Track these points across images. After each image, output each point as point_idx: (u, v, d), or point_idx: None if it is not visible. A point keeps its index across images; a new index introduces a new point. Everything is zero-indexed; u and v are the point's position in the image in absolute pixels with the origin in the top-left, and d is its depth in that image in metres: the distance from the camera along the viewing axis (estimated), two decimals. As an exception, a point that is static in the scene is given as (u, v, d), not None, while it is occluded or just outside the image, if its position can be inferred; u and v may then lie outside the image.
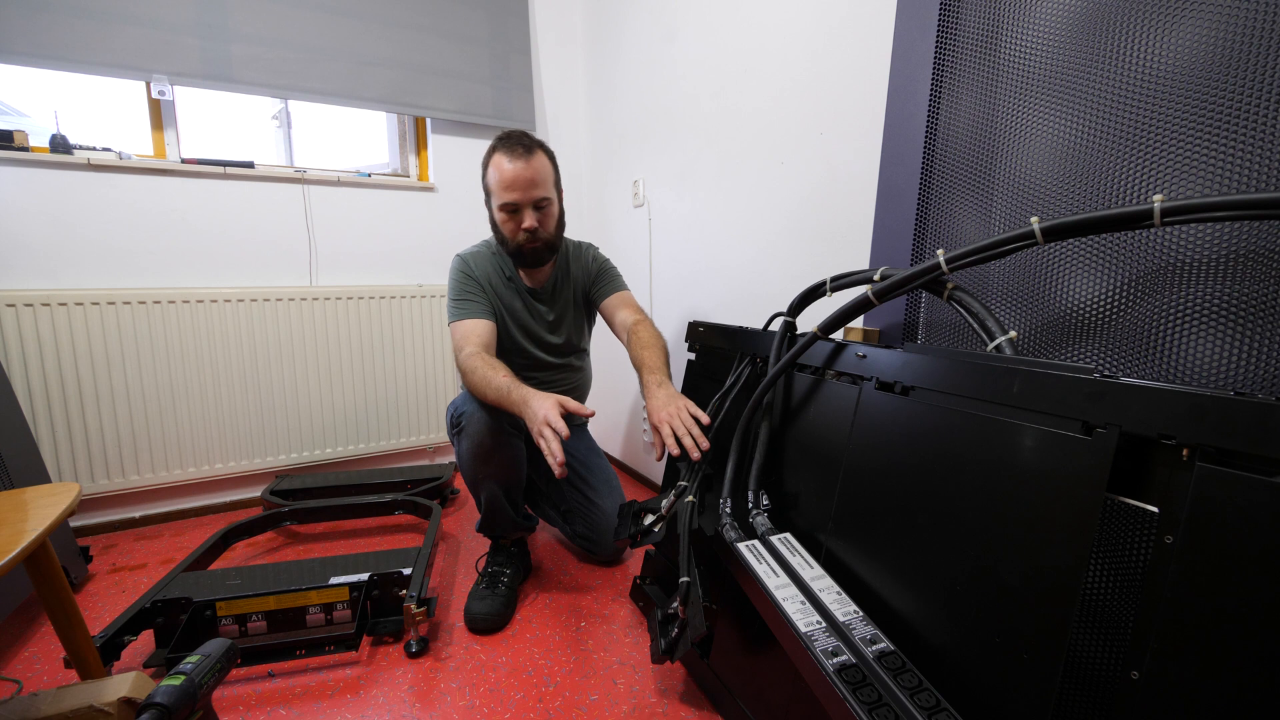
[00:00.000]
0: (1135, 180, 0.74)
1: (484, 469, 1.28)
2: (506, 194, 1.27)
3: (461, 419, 1.27)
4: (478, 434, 1.24)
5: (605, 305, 1.46)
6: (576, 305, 1.51)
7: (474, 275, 1.36)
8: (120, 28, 1.61)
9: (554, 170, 1.33)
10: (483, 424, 1.23)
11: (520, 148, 1.26)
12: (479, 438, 1.24)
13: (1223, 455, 0.49)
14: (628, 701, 1.04)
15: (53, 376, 1.60)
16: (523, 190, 1.27)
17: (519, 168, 1.25)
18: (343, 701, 1.05)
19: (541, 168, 1.28)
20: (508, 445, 1.28)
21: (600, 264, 1.51)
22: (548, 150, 1.32)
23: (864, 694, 0.62)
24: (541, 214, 1.30)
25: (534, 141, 1.29)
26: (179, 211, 1.76)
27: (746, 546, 0.87)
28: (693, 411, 1.07)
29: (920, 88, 1.00)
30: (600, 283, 1.48)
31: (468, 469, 1.29)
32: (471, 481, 1.31)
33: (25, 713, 0.79)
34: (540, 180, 1.28)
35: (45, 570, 0.90)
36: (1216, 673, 0.48)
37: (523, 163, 1.25)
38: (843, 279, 1.02)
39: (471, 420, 1.24)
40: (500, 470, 1.29)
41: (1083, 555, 0.56)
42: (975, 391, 0.70)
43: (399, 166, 2.18)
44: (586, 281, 1.50)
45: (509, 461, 1.30)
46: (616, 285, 1.48)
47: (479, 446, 1.25)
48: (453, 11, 2.05)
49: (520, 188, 1.26)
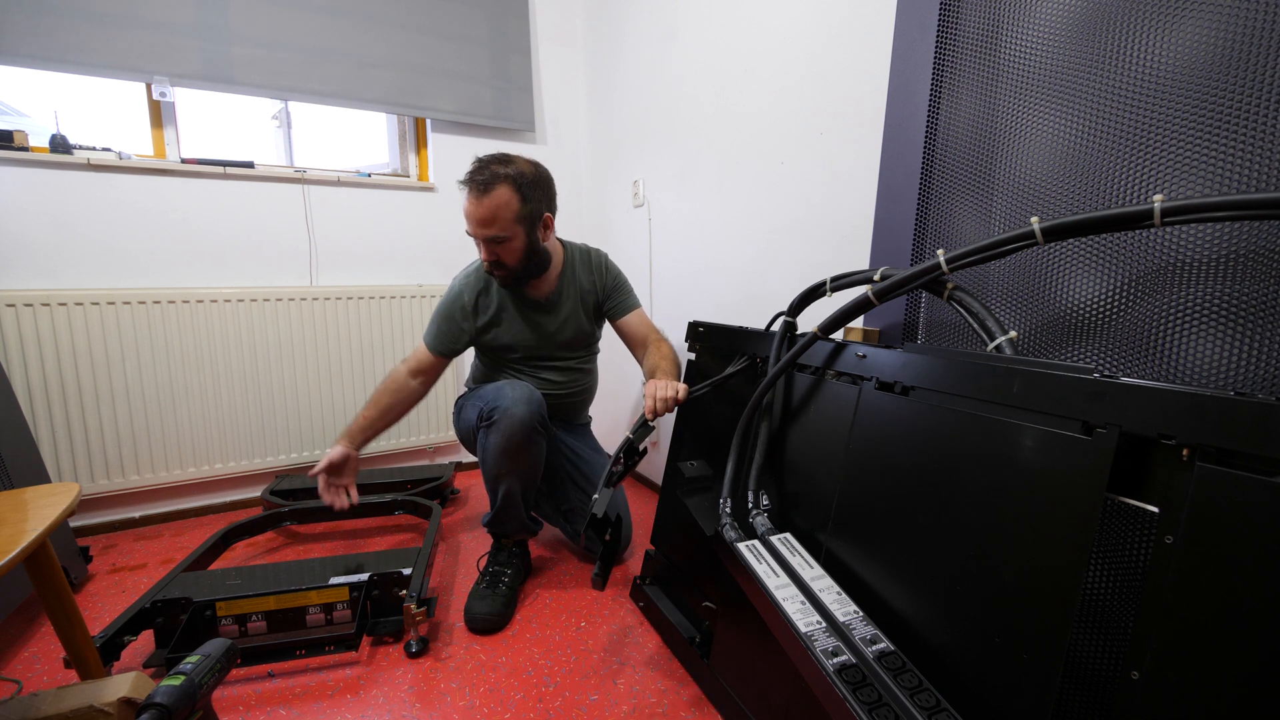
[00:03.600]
0: (1135, 180, 0.74)
1: (509, 464, 1.29)
2: (469, 226, 1.29)
3: (494, 413, 1.27)
4: (509, 430, 1.25)
5: (622, 323, 1.51)
6: (584, 314, 1.51)
7: (459, 302, 1.40)
8: (122, 30, 1.62)
9: (520, 202, 1.26)
10: (517, 420, 1.25)
11: (476, 185, 1.24)
12: (511, 433, 1.25)
13: (1223, 455, 0.50)
14: (628, 701, 1.04)
15: (53, 376, 1.60)
16: (475, 226, 1.27)
17: (471, 205, 1.25)
18: (343, 701, 1.05)
19: (496, 206, 1.24)
20: (536, 444, 1.31)
21: (615, 277, 1.52)
22: (517, 180, 1.26)
23: (864, 694, 0.62)
24: (499, 247, 1.29)
25: (495, 176, 1.25)
26: (179, 211, 1.76)
27: (746, 546, 0.87)
28: (678, 384, 1.17)
29: (920, 88, 1.00)
30: (616, 298, 1.51)
31: (493, 463, 1.29)
32: (493, 476, 1.31)
33: (25, 713, 0.79)
34: (493, 218, 1.25)
35: (45, 570, 0.90)
36: (1216, 673, 0.48)
37: (475, 201, 1.25)
38: (843, 279, 1.02)
39: (505, 416, 1.25)
40: (524, 467, 1.31)
41: (1083, 555, 0.56)
42: (975, 391, 0.70)
43: (399, 166, 2.19)
44: (599, 293, 1.51)
45: (533, 460, 1.32)
46: (632, 303, 1.52)
47: (509, 441, 1.26)
48: (452, 12, 2.05)
49: (473, 223, 1.27)
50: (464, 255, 2.17)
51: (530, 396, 1.28)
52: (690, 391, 1.16)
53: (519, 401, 1.26)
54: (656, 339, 1.44)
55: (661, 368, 1.31)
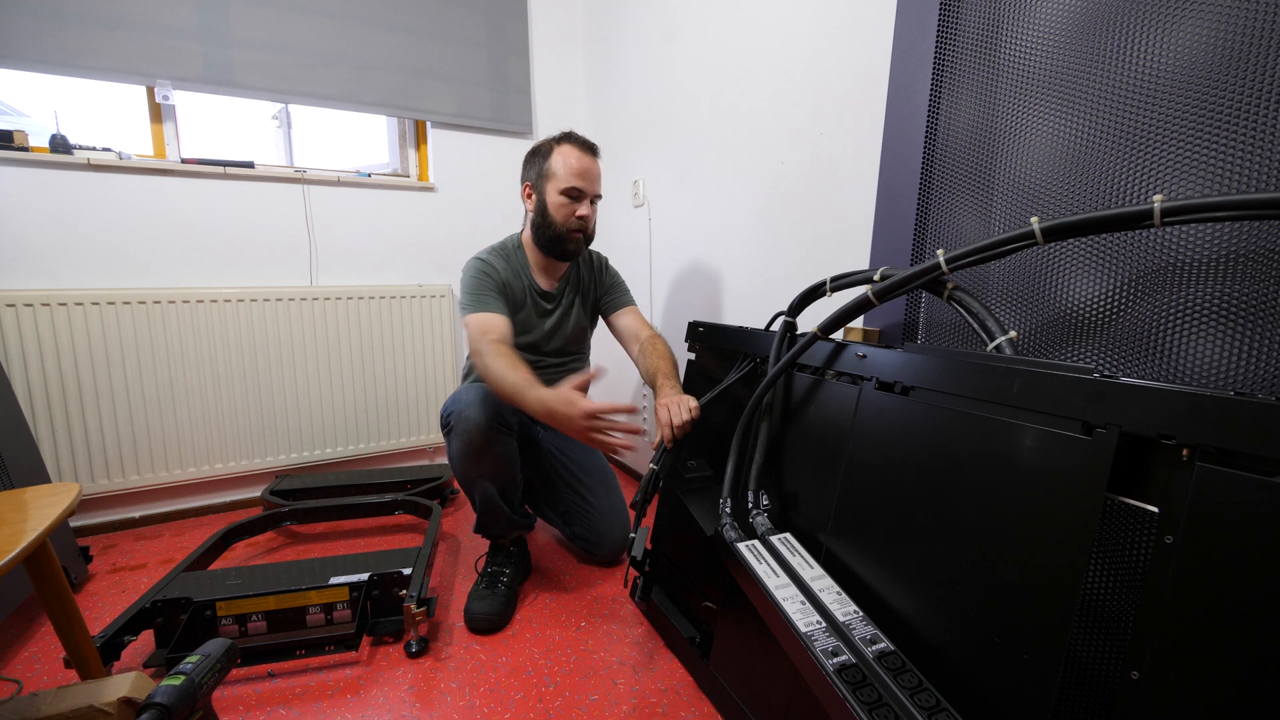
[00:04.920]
0: (1135, 180, 0.74)
1: (476, 468, 1.27)
2: (576, 179, 1.34)
3: (450, 419, 1.27)
4: (467, 433, 1.24)
5: (614, 318, 1.53)
6: (582, 310, 1.53)
7: (492, 276, 1.38)
8: (124, 33, 1.63)
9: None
10: (471, 422, 1.23)
11: (589, 146, 1.38)
12: (468, 436, 1.24)
13: (1223, 455, 0.49)
14: (628, 701, 1.04)
15: (53, 376, 1.60)
16: (590, 181, 1.37)
17: (589, 161, 1.36)
18: (343, 701, 1.05)
19: (599, 167, 1.40)
20: (499, 443, 1.27)
21: (613, 277, 1.57)
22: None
23: (864, 694, 0.62)
24: (592, 209, 1.39)
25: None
26: (179, 211, 1.76)
27: (746, 546, 0.87)
28: (690, 404, 1.17)
29: (920, 88, 1.00)
30: (611, 295, 1.54)
31: (459, 469, 1.29)
32: (465, 482, 1.31)
33: (25, 713, 0.79)
34: (600, 179, 1.40)
35: (45, 570, 0.90)
36: (1216, 673, 0.48)
37: (591, 159, 1.37)
38: (843, 279, 1.02)
39: (460, 419, 1.24)
40: (492, 468, 1.28)
41: (1083, 555, 0.56)
42: (975, 391, 0.70)
43: (399, 166, 2.19)
44: (597, 291, 1.55)
45: (501, 459, 1.29)
46: (626, 300, 1.55)
47: (469, 445, 1.24)
48: (451, 15, 2.05)
49: (590, 179, 1.36)
50: (464, 255, 2.17)
51: (484, 397, 1.25)
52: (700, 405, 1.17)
53: (472, 404, 1.24)
54: (650, 335, 1.44)
55: (662, 369, 1.31)
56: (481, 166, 2.20)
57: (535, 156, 1.40)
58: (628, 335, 1.49)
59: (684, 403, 1.16)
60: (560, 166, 1.34)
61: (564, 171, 1.34)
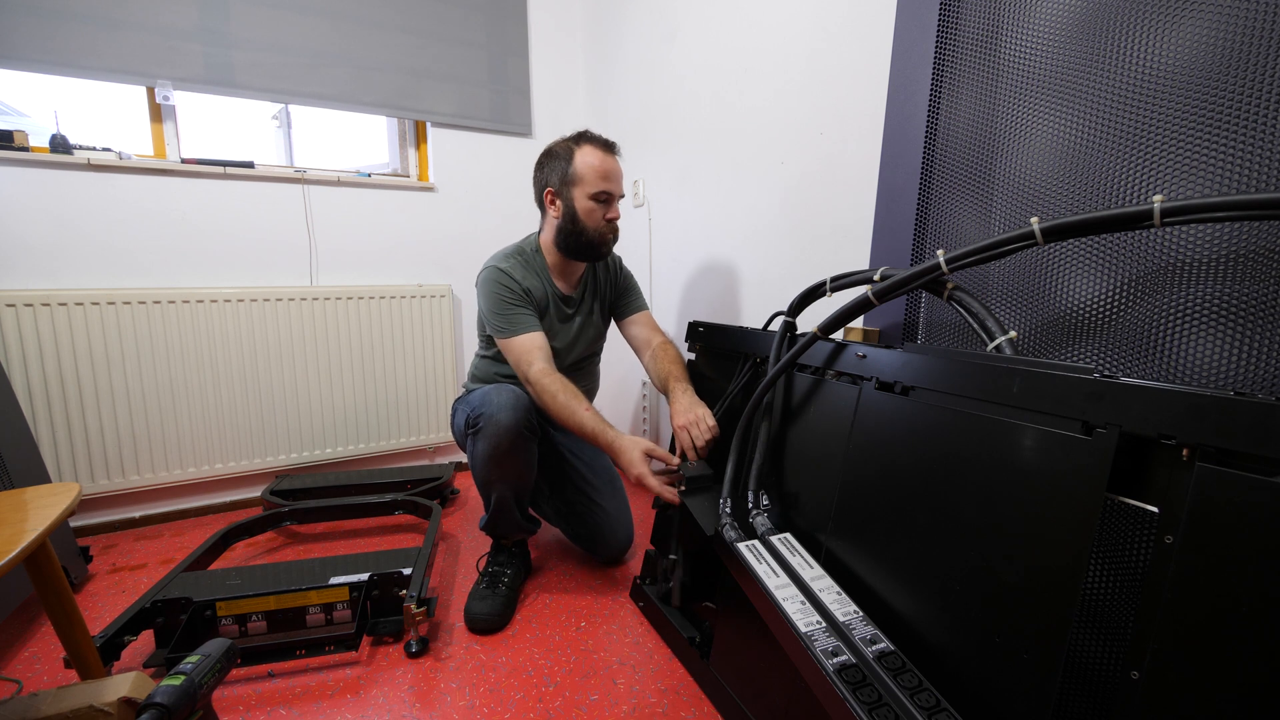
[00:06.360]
0: (1135, 180, 0.74)
1: (498, 471, 1.27)
2: (604, 183, 1.32)
3: (480, 420, 1.25)
4: (496, 437, 1.23)
5: (627, 323, 1.52)
6: (599, 312, 1.52)
7: (512, 287, 1.35)
8: (124, 34, 1.63)
9: None
10: (502, 428, 1.22)
11: (609, 145, 1.35)
12: (497, 440, 1.23)
13: (1223, 455, 0.50)
14: (628, 701, 1.04)
15: (53, 376, 1.60)
16: (617, 182, 1.34)
17: (612, 162, 1.33)
18: (343, 701, 1.05)
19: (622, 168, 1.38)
20: (524, 450, 1.27)
21: (627, 279, 1.55)
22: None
23: (864, 694, 0.62)
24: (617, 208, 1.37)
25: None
26: (179, 211, 1.76)
27: (746, 546, 0.87)
28: (709, 422, 1.18)
29: (920, 88, 1.00)
30: (625, 299, 1.53)
31: (481, 470, 1.28)
32: (483, 482, 1.30)
33: (25, 713, 0.78)
34: (623, 177, 1.37)
35: (45, 570, 0.90)
36: (1216, 673, 0.48)
37: (614, 160, 1.34)
38: (843, 279, 1.02)
39: (491, 423, 1.23)
40: (513, 473, 1.28)
41: (1083, 555, 0.56)
42: (975, 391, 0.70)
43: (399, 166, 2.19)
44: (612, 293, 1.53)
45: (523, 466, 1.29)
46: (640, 304, 1.54)
47: (496, 449, 1.24)
48: (451, 15, 2.05)
49: (616, 179, 1.34)
50: (464, 255, 2.18)
51: (517, 402, 1.25)
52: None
53: (504, 408, 1.23)
54: (661, 341, 1.45)
55: (674, 374, 1.32)
56: (481, 166, 2.20)
57: (554, 160, 1.35)
58: (639, 342, 1.49)
59: (702, 421, 1.18)
60: (586, 170, 1.31)
61: (591, 176, 1.31)
